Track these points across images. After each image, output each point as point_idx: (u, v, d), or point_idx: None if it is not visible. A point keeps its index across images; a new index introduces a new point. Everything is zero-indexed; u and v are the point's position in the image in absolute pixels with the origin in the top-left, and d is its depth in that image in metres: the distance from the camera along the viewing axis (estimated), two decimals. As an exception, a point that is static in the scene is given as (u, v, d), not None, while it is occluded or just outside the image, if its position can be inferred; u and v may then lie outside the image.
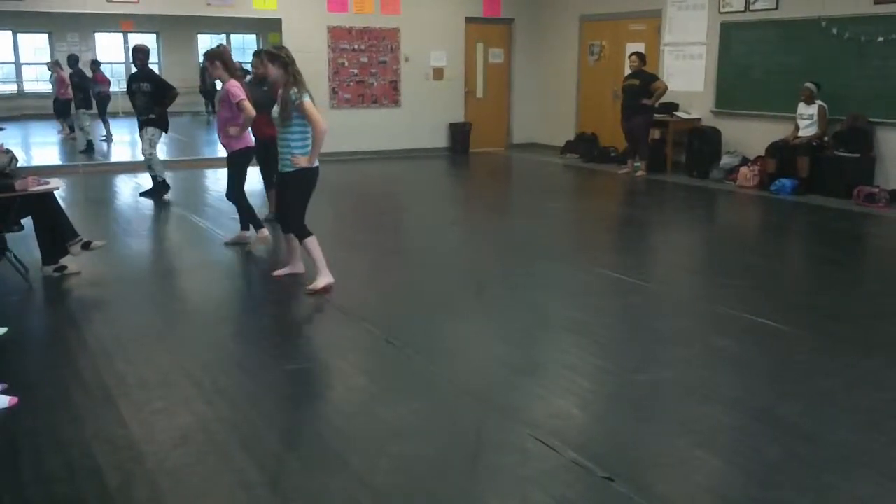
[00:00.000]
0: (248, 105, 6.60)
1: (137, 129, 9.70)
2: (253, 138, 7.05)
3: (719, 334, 4.95)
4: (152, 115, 9.38)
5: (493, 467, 3.36)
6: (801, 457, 3.40)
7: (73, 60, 15.22)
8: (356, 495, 3.12)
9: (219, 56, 6.86)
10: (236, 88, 6.67)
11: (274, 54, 5.52)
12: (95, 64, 17.37)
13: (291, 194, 5.68)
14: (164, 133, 9.73)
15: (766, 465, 3.34)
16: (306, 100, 5.43)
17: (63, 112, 16.50)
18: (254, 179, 7.96)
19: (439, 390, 4.17)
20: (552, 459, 3.36)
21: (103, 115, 16.67)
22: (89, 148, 14.34)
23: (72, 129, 16.19)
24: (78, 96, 14.82)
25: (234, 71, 6.92)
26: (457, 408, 3.93)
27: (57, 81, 16.21)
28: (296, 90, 5.40)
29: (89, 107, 14.98)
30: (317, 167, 5.67)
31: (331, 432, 3.73)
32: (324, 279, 5.71)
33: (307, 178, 5.64)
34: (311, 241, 5.72)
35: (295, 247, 5.97)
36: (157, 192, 9.66)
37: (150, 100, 9.34)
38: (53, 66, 16.83)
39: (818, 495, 3.12)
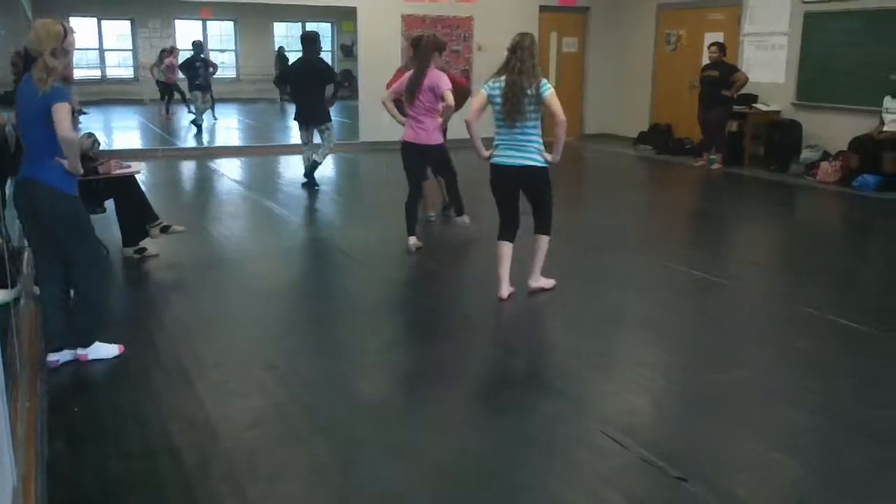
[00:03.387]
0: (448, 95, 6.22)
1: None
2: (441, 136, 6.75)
3: (799, 334, 4.81)
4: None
5: (565, 462, 3.33)
6: (884, 463, 3.29)
7: (198, 47, 16.07)
8: (430, 483, 3.13)
9: (414, 41, 6.62)
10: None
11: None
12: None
13: (545, 190, 5.16)
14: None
15: (848, 472, 3.24)
16: (552, 90, 4.87)
17: (166, 95, 17.71)
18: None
19: (512, 382, 4.16)
20: (623, 456, 3.32)
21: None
22: (198, 124, 15.65)
23: (168, 111, 17.66)
24: (194, 81, 15.80)
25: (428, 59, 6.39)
26: (529, 400, 3.91)
27: (167, 68, 17.07)
28: (539, 81, 4.89)
29: (201, 89, 15.95)
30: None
31: (405, 420, 3.75)
32: (550, 280, 5.39)
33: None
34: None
35: (536, 251, 5.28)
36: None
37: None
38: (168, 53, 17.67)
39: (903, 505, 3.02)
